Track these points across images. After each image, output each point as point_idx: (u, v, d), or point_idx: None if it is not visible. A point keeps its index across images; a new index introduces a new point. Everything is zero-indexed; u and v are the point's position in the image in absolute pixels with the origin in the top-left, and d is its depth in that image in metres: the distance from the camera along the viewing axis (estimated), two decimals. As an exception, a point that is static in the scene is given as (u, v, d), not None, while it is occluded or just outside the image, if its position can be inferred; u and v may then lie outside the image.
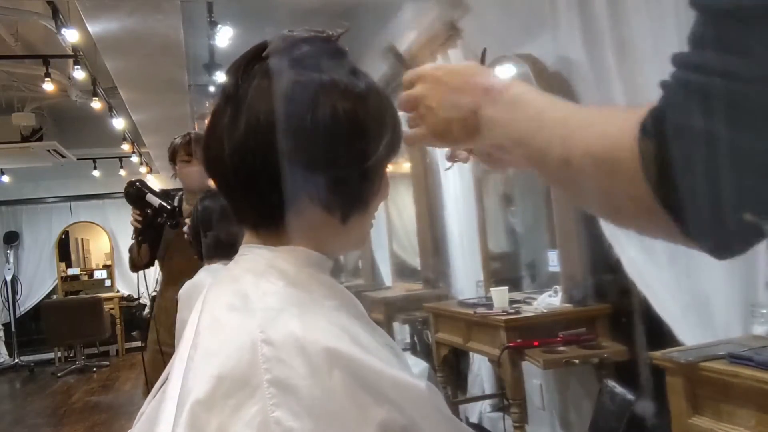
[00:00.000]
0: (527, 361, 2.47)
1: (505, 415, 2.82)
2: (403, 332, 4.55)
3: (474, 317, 2.78)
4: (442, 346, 3.24)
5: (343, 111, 0.64)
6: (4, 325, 8.03)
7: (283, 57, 0.66)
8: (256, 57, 0.67)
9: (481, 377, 3.57)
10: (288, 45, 0.67)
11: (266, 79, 0.65)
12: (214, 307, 0.64)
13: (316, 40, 0.68)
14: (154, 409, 0.66)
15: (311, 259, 0.67)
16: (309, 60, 0.66)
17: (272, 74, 0.65)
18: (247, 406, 0.55)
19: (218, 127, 0.67)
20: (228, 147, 0.65)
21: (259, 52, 0.67)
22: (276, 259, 0.66)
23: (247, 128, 0.64)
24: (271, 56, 0.66)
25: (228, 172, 0.66)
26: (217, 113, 0.68)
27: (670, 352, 1.70)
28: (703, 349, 1.67)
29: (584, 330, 2.50)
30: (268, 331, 0.58)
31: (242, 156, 0.64)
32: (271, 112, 0.63)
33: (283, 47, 0.67)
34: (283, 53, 0.66)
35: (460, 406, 3.59)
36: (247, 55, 0.67)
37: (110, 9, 3.35)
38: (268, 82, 0.65)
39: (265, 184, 0.64)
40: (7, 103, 6.07)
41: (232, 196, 0.69)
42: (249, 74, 0.66)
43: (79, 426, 4.94)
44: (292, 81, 0.64)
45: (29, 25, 4.55)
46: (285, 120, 0.63)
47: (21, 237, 8.24)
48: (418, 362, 3.77)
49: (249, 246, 0.69)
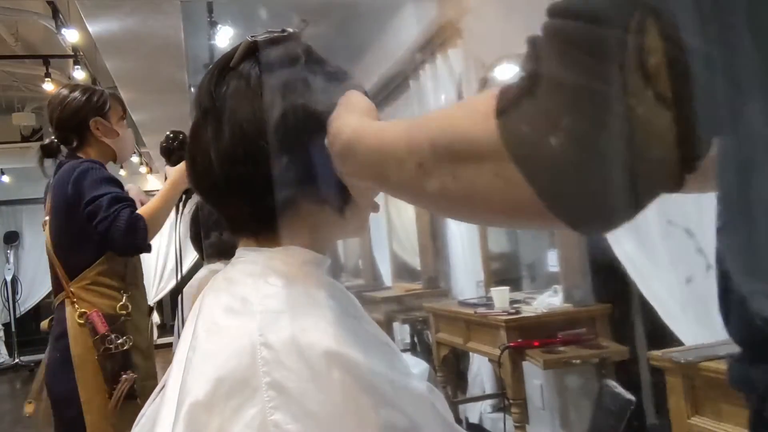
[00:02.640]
0: (527, 361, 2.47)
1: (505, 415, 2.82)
2: (403, 332, 4.55)
3: (474, 317, 2.78)
4: (442, 346, 3.24)
5: (321, 104, 0.65)
6: (4, 325, 8.03)
7: (252, 62, 0.67)
8: (225, 66, 0.68)
9: (482, 377, 3.57)
10: (255, 49, 0.68)
11: (240, 86, 0.66)
12: (212, 310, 0.64)
13: (281, 40, 0.68)
14: (153, 412, 0.66)
15: (308, 258, 0.67)
16: (278, 60, 0.67)
17: (245, 80, 0.66)
18: (246, 407, 0.55)
19: (202, 141, 0.67)
20: (216, 158, 0.65)
21: (227, 62, 0.68)
22: (272, 260, 0.66)
23: (232, 137, 0.64)
24: (240, 63, 0.67)
25: (219, 182, 0.66)
26: (197, 128, 0.68)
27: (669, 352, 1.70)
28: (703, 349, 1.67)
29: (584, 330, 2.50)
30: (267, 334, 0.58)
31: (232, 164, 0.65)
32: (253, 117, 0.64)
33: (250, 53, 0.68)
34: (252, 58, 0.67)
35: (460, 406, 3.59)
36: (217, 66, 0.68)
37: (110, 9, 3.35)
38: (243, 88, 0.65)
39: (258, 189, 0.65)
40: (7, 103, 6.07)
41: (224, 206, 0.70)
42: (222, 84, 0.67)
43: (79, 426, 4.94)
44: (266, 83, 0.65)
45: (29, 25, 4.55)
46: (266, 122, 0.63)
47: (21, 237, 8.24)
48: (418, 362, 3.77)
49: (245, 249, 0.70)
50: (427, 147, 0.45)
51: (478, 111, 0.42)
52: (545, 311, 2.59)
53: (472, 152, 0.42)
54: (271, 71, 0.66)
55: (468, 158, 0.42)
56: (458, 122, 0.44)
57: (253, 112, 0.64)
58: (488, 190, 0.42)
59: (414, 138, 0.48)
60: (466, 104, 0.46)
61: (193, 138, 0.69)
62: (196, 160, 0.68)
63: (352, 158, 0.57)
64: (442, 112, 0.48)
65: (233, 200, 0.67)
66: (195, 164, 0.68)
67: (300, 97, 0.65)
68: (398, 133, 0.51)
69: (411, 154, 0.47)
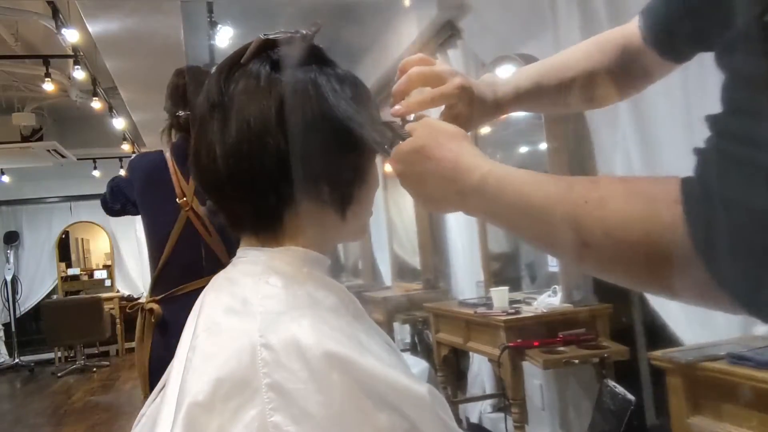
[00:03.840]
0: (527, 361, 2.47)
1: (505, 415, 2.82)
2: (403, 332, 4.55)
3: (474, 317, 2.78)
4: (442, 346, 3.24)
5: (328, 106, 0.65)
6: (4, 325, 8.03)
7: (263, 60, 0.67)
8: (235, 63, 0.68)
9: (481, 377, 3.57)
10: (266, 48, 0.68)
11: (250, 83, 0.66)
12: (213, 310, 0.64)
13: (293, 41, 0.69)
14: (154, 411, 0.66)
15: (309, 258, 0.67)
16: (289, 60, 0.67)
17: (255, 78, 0.66)
18: (246, 408, 0.55)
19: (207, 136, 0.67)
20: (220, 154, 0.65)
21: (238, 58, 0.68)
22: (273, 260, 0.66)
23: (239, 133, 0.64)
24: (251, 60, 0.67)
25: (222, 178, 0.66)
26: (203, 123, 0.68)
27: (670, 352, 1.70)
28: (703, 349, 1.67)
29: (584, 330, 2.50)
30: (268, 336, 0.58)
31: (236, 161, 0.64)
32: (261, 115, 0.64)
33: (261, 51, 0.68)
34: (263, 56, 0.68)
35: (460, 406, 3.59)
36: (227, 62, 0.68)
37: (110, 9, 3.36)
38: (253, 85, 0.65)
39: (261, 186, 0.64)
40: (7, 103, 6.07)
41: (226, 202, 0.69)
42: (231, 81, 0.67)
43: (79, 426, 4.94)
44: (276, 82, 0.65)
45: (29, 25, 4.55)
46: (275, 121, 0.64)
47: (21, 237, 8.24)
48: (418, 362, 3.77)
49: (246, 248, 0.70)
50: (596, 232, 0.46)
51: (657, 200, 0.43)
52: (545, 311, 2.59)
53: (654, 246, 0.43)
54: (282, 70, 0.66)
55: (647, 251, 0.44)
56: (636, 214, 0.45)
57: (261, 110, 0.64)
58: (674, 286, 0.44)
59: (578, 216, 0.48)
60: (643, 191, 0.46)
61: (199, 133, 0.69)
62: (201, 155, 0.68)
63: (484, 202, 0.57)
64: (601, 191, 0.48)
65: (236, 196, 0.67)
66: (199, 159, 0.68)
67: (309, 98, 0.65)
68: (549, 198, 0.51)
69: (576, 232, 0.48)
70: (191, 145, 0.70)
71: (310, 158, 0.65)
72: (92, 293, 7.98)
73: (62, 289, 8.43)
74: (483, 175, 0.57)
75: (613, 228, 0.45)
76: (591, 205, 0.47)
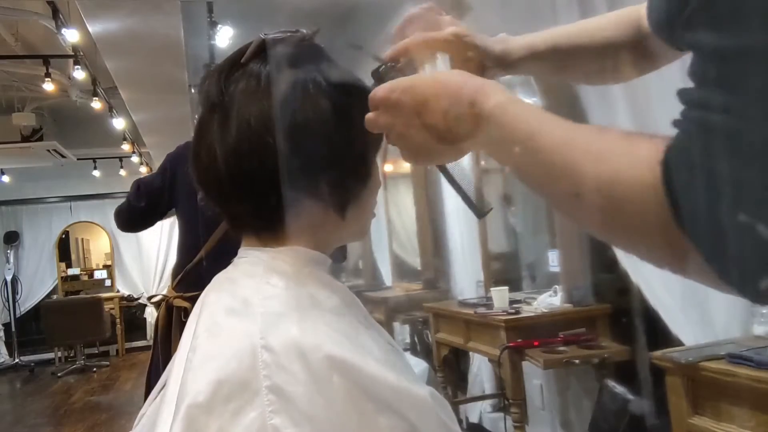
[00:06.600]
0: (527, 361, 2.47)
1: (505, 415, 2.82)
2: (403, 332, 4.55)
3: (474, 317, 2.78)
4: (442, 346, 3.24)
5: (329, 106, 0.65)
6: (4, 325, 8.03)
7: (264, 59, 0.67)
8: (236, 62, 0.67)
9: (481, 377, 3.58)
10: (266, 47, 0.68)
11: (251, 83, 0.65)
12: (213, 311, 0.64)
13: (293, 40, 0.68)
14: (154, 412, 0.66)
15: (310, 258, 0.67)
16: (289, 60, 0.67)
17: (256, 77, 0.66)
18: (246, 411, 0.55)
19: (207, 136, 0.67)
20: (221, 153, 0.65)
21: (238, 58, 0.68)
22: (274, 260, 0.66)
23: (239, 133, 0.64)
24: (251, 59, 0.67)
25: (222, 178, 0.66)
26: (203, 122, 0.68)
27: (670, 352, 1.70)
28: (703, 349, 1.67)
29: (584, 330, 2.50)
30: (269, 337, 0.57)
31: (237, 161, 0.64)
32: (261, 114, 0.64)
33: (261, 50, 0.67)
34: (263, 56, 0.67)
35: (460, 406, 3.59)
36: (228, 62, 0.68)
37: (110, 9, 3.35)
38: (254, 85, 0.65)
39: (262, 186, 0.64)
40: (7, 103, 6.07)
41: (227, 203, 0.69)
42: (232, 80, 0.66)
43: (79, 426, 4.94)
44: (277, 82, 0.65)
45: (29, 25, 4.55)
46: (275, 121, 0.63)
47: (21, 237, 8.24)
48: (418, 362, 3.77)
49: (247, 249, 0.69)
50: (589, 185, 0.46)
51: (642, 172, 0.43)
52: (545, 311, 2.59)
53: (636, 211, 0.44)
54: (282, 70, 0.66)
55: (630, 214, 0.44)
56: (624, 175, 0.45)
57: (262, 109, 0.64)
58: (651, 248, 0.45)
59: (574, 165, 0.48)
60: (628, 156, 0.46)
61: (199, 132, 0.68)
62: (201, 155, 0.67)
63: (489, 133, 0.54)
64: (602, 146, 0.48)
65: (236, 196, 0.67)
66: (199, 159, 0.68)
67: (309, 98, 0.65)
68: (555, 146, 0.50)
69: (570, 182, 0.48)
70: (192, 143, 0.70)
71: (310, 158, 0.65)
72: (92, 293, 7.97)
73: (62, 289, 8.43)
74: (506, 100, 0.54)
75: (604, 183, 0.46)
76: (590, 157, 0.47)
